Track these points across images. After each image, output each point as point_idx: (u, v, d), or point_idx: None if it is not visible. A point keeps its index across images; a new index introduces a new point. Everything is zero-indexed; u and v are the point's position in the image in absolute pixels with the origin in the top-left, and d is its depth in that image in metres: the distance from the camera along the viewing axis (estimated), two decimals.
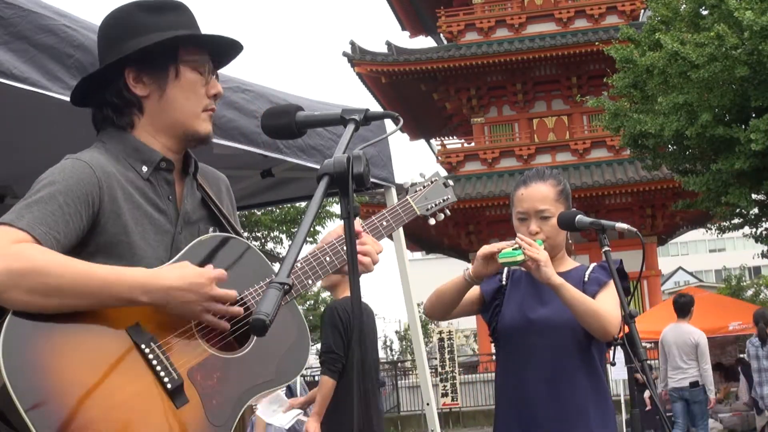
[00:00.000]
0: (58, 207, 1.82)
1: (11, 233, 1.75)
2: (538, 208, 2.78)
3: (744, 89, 13.54)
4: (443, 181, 2.45)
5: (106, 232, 1.89)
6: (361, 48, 26.11)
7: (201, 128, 2.05)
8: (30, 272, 1.70)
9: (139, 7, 2.03)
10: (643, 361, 2.54)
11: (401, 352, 43.08)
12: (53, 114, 3.24)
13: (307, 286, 2.04)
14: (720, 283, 49.13)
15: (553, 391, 2.72)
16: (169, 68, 2.01)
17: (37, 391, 1.64)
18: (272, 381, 1.96)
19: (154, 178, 2.01)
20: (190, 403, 1.81)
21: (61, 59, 2.85)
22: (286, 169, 4.49)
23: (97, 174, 1.90)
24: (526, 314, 2.77)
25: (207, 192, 2.13)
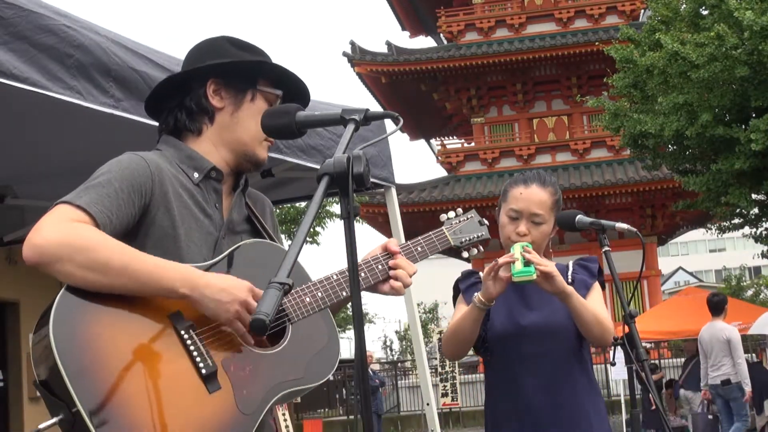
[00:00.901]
0: (113, 191, 1.93)
1: (70, 211, 1.87)
2: (534, 211, 2.75)
3: (744, 89, 13.54)
4: (478, 219, 2.51)
5: (155, 223, 2.00)
6: (361, 48, 26.12)
7: (260, 153, 2.18)
8: (83, 248, 1.81)
9: (227, 40, 2.21)
10: (643, 361, 2.55)
11: (401, 352, 43.10)
12: (53, 114, 3.25)
13: (341, 297, 2.11)
14: (720, 283, 49.17)
15: (553, 398, 2.70)
16: (247, 90, 2.16)
17: (81, 361, 1.74)
18: (302, 379, 2.03)
19: (203, 184, 2.12)
20: (221, 390, 1.88)
21: (61, 59, 2.85)
22: (286, 169, 4.49)
23: (151, 168, 2.02)
24: (517, 321, 2.74)
25: (253, 210, 2.24)
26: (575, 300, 2.64)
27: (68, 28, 2.89)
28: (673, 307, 15.56)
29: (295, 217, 21.50)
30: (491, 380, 2.84)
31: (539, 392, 2.70)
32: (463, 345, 2.73)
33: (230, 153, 2.16)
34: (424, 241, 2.37)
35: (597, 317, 2.67)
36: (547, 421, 2.68)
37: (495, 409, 2.79)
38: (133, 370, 1.80)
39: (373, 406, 16.90)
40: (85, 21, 3.03)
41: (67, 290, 1.81)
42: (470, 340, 2.71)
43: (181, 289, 1.86)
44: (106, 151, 2.52)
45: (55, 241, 1.79)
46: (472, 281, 2.86)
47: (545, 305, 2.75)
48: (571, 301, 2.63)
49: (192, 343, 1.88)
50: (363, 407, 1.72)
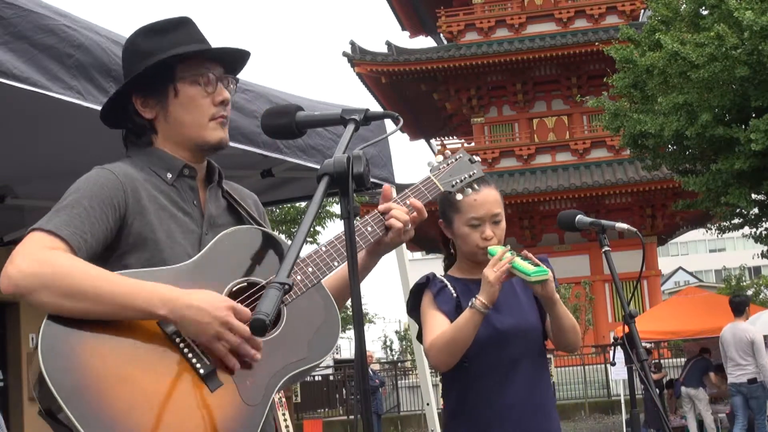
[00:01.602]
0: (83, 209, 1.90)
1: (42, 238, 1.85)
2: (494, 212, 2.74)
3: (744, 89, 13.54)
4: (468, 157, 2.45)
5: (133, 232, 1.97)
6: (361, 48, 26.12)
7: (210, 137, 2.10)
8: (56, 276, 1.79)
9: (143, 33, 2.13)
10: (642, 361, 2.55)
11: (401, 352, 43.07)
12: (53, 114, 3.24)
13: (333, 268, 2.07)
14: (720, 283, 49.16)
15: (533, 399, 2.70)
16: (168, 88, 2.08)
17: (78, 386, 1.72)
18: (306, 359, 1.99)
19: (178, 184, 2.08)
20: (224, 387, 1.85)
21: (61, 59, 2.85)
22: (286, 169, 4.49)
23: (120, 178, 1.98)
24: (494, 326, 2.68)
25: (234, 198, 2.20)
26: (560, 306, 2.63)
27: (68, 28, 2.89)
28: (673, 307, 15.55)
29: (295, 217, 21.50)
30: (466, 386, 2.75)
31: (521, 395, 2.68)
32: (460, 353, 2.65)
33: (184, 150, 2.11)
34: (412, 192, 2.31)
35: (574, 325, 2.70)
36: (529, 422, 2.68)
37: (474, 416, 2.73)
38: (130, 384, 1.77)
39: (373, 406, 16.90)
40: (85, 21, 3.03)
41: (49, 319, 1.79)
42: (467, 346, 2.64)
43: (160, 311, 1.82)
44: (106, 151, 2.52)
45: (28, 272, 1.78)
46: (439, 286, 2.78)
47: (515, 309, 2.74)
48: (557, 307, 2.62)
49: (185, 345, 1.85)
50: (363, 407, 1.71)
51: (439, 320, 2.71)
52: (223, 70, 2.14)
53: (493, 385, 2.70)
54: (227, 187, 2.21)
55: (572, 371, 21.61)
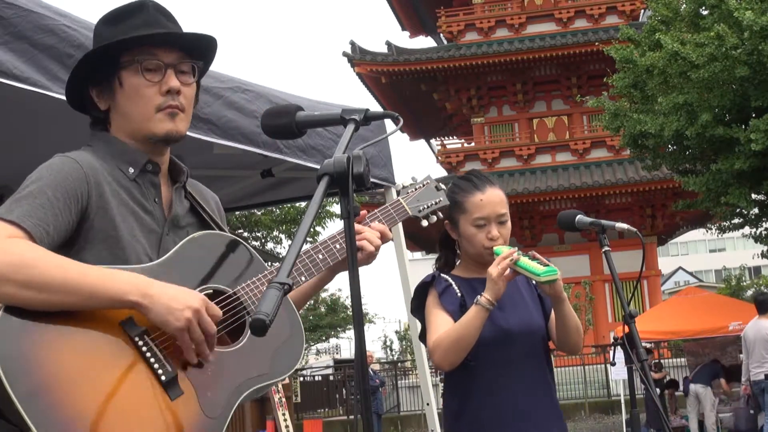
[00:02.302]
0: (47, 200, 1.83)
1: (3, 228, 1.77)
2: (500, 212, 2.74)
3: (744, 89, 13.53)
4: (435, 184, 2.46)
5: (94, 226, 1.90)
6: (361, 48, 26.12)
7: (156, 129, 2.00)
8: (20, 266, 1.71)
9: (103, 21, 2.06)
10: (642, 361, 2.55)
11: (401, 352, 43.06)
12: (53, 114, 3.24)
13: (300, 283, 2.07)
14: (720, 283, 49.15)
15: (537, 399, 2.70)
16: (113, 79, 2.00)
17: (30, 382, 1.64)
18: (267, 375, 1.96)
19: (140, 179, 2.02)
20: (184, 395, 1.81)
21: (61, 59, 2.85)
22: (286, 169, 4.48)
23: (85, 170, 1.91)
24: (499, 325, 2.69)
25: (197, 200, 2.14)
26: (567, 305, 2.65)
27: (68, 28, 2.89)
28: (673, 307, 15.55)
29: (295, 217, 21.46)
30: (470, 386, 2.74)
31: (525, 395, 2.69)
32: (465, 352, 2.64)
33: (138, 143, 2.02)
34: (382, 213, 2.32)
35: (578, 325, 2.72)
36: (532, 423, 2.68)
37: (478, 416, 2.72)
38: (88, 386, 1.70)
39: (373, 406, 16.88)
40: (85, 21, 3.03)
41: (5, 311, 1.70)
42: (472, 344, 2.64)
43: (131, 297, 1.76)
44: None
45: None
46: (444, 284, 2.79)
47: (519, 308, 2.75)
48: (565, 306, 2.64)
49: (148, 350, 1.79)
50: (363, 407, 1.71)
51: (443, 319, 2.71)
52: (181, 56, 2.03)
53: (498, 384, 2.70)
54: (190, 188, 2.15)
55: (572, 371, 21.61)
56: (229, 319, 1.95)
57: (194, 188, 2.18)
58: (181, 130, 2.03)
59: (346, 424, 21.63)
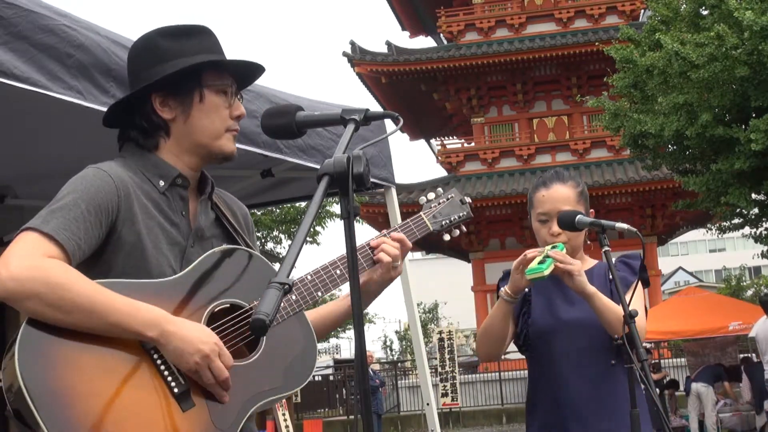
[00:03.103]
0: (80, 213, 1.90)
1: (38, 240, 1.83)
2: (561, 209, 2.76)
3: (744, 89, 13.53)
4: (460, 198, 2.44)
5: (121, 239, 1.97)
6: (361, 48, 26.12)
7: (225, 148, 2.12)
8: (52, 286, 1.78)
9: (162, 34, 2.12)
10: (643, 361, 2.54)
11: (401, 352, 43.07)
12: (53, 114, 3.24)
13: (317, 298, 2.09)
14: (720, 283, 49.14)
15: (595, 391, 2.71)
16: (194, 92, 2.08)
17: (50, 392, 1.72)
18: (279, 388, 2.00)
19: (169, 193, 2.07)
20: (196, 407, 1.86)
21: (61, 59, 2.85)
22: (286, 169, 4.49)
23: (116, 183, 1.97)
24: (559, 316, 2.75)
25: (222, 212, 2.20)
26: (597, 300, 2.65)
27: (68, 28, 2.89)
28: (673, 307, 15.57)
29: (295, 217, 21.47)
30: (533, 376, 2.84)
31: (580, 386, 2.70)
32: (496, 342, 2.72)
33: (194, 157, 2.11)
34: (402, 229, 2.32)
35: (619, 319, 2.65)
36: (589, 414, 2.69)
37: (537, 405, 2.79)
38: (103, 395, 1.77)
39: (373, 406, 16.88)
40: (85, 21, 3.03)
41: (28, 323, 1.78)
42: (502, 336, 2.70)
43: (149, 333, 1.83)
44: (106, 151, 2.52)
45: (23, 278, 1.76)
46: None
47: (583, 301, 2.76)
48: (593, 301, 2.65)
49: (162, 362, 1.86)
50: (363, 407, 1.71)
51: None
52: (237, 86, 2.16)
53: (554, 376, 2.74)
54: (217, 199, 2.21)
55: None
56: (244, 333, 1.98)
57: (222, 199, 2.24)
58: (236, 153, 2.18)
59: (346, 424, 21.63)
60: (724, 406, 14.52)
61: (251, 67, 2.18)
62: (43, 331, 1.78)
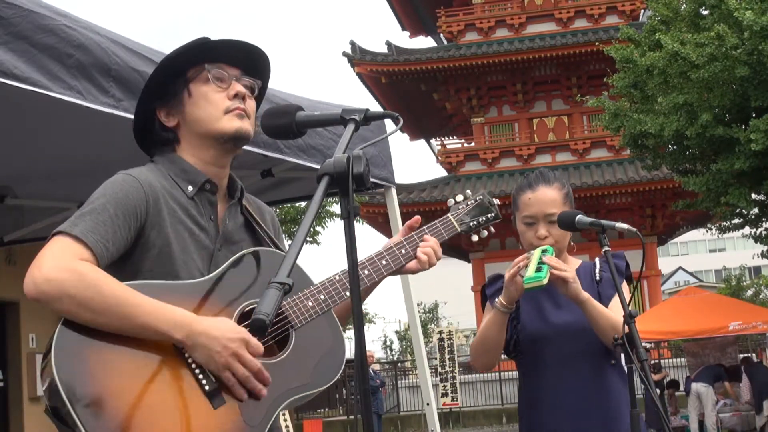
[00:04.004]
0: (108, 217, 1.94)
1: (68, 244, 1.89)
2: (547, 212, 2.75)
3: (744, 89, 13.53)
4: (488, 200, 2.45)
5: (149, 242, 2.01)
6: (361, 48, 26.12)
7: (226, 127, 2.11)
8: (83, 288, 1.83)
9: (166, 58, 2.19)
10: (643, 361, 2.54)
11: (401, 352, 43.08)
12: (53, 114, 3.24)
13: (345, 298, 2.10)
14: (720, 283, 49.16)
15: (588, 396, 2.70)
16: (182, 92, 2.14)
17: (86, 392, 1.78)
18: (308, 385, 2.03)
19: (198, 198, 2.12)
20: (226, 405, 1.89)
21: (61, 59, 2.85)
22: (286, 169, 4.49)
23: (144, 188, 2.02)
24: (549, 321, 2.73)
25: (252, 215, 2.23)
26: (590, 307, 2.64)
27: (68, 28, 2.89)
28: (673, 307, 15.56)
29: (295, 217, 21.49)
30: (525, 382, 2.82)
31: (573, 391, 2.69)
32: (492, 352, 2.70)
33: (207, 150, 2.14)
34: (430, 230, 2.34)
35: (612, 325, 2.65)
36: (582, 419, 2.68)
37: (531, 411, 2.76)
38: (135, 394, 1.82)
39: (373, 406, 16.82)
40: (85, 21, 3.03)
41: (64, 325, 1.84)
42: (498, 345, 2.68)
43: (176, 335, 1.87)
44: (106, 151, 2.53)
45: (54, 279, 1.82)
46: (498, 286, 2.82)
47: (573, 306, 2.74)
48: (586, 308, 2.63)
49: (193, 360, 1.90)
50: (363, 407, 1.72)
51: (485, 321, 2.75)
52: (241, 72, 2.17)
53: (545, 381, 2.72)
54: (247, 203, 2.24)
55: None
56: (274, 332, 2.02)
57: (251, 204, 2.27)
58: (249, 130, 2.14)
59: (346, 424, 21.64)
60: (724, 406, 14.53)
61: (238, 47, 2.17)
62: (78, 332, 1.83)
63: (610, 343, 2.69)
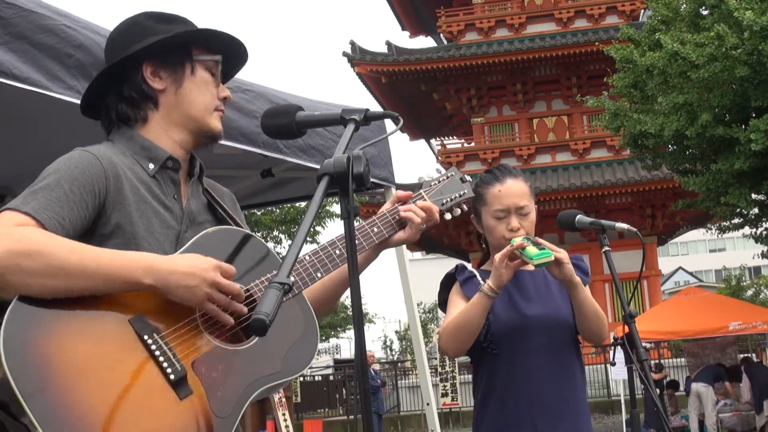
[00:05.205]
0: (63, 194, 1.83)
1: (15, 217, 1.76)
2: (519, 204, 2.73)
3: (744, 89, 13.52)
4: (460, 176, 2.41)
5: (111, 221, 1.90)
6: (361, 48, 26.12)
7: (213, 124, 2.09)
8: (33, 253, 1.69)
9: (149, 17, 2.10)
10: (643, 361, 2.55)
11: (401, 352, 43.08)
12: (53, 114, 3.24)
13: (316, 279, 2.03)
14: (720, 283, 49.16)
15: (560, 389, 2.69)
16: (185, 64, 2.06)
17: (38, 379, 1.64)
18: (279, 373, 1.93)
19: (160, 176, 2.02)
20: (193, 395, 1.79)
21: (61, 59, 2.85)
22: (286, 169, 4.49)
23: (103, 164, 1.91)
24: (523, 312, 2.71)
25: (213, 196, 2.15)
26: (581, 291, 2.63)
27: (68, 28, 2.89)
28: (673, 307, 15.56)
29: (295, 217, 21.49)
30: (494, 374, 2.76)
31: (548, 384, 2.68)
32: (469, 337, 2.66)
33: (183, 132, 2.06)
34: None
35: (597, 312, 2.69)
36: (556, 413, 2.67)
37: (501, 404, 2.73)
38: (95, 383, 1.69)
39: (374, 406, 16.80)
40: (85, 21, 3.03)
41: (18, 300, 1.69)
42: (476, 332, 2.65)
43: (145, 280, 1.77)
44: None
45: (2, 250, 1.67)
46: (467, 275, 2.81)
47: (545, 298, 2.75)
48: (578, 291, 2.62)
49: (157, 348, 1.78)
50: (363, 407, 1.71)
51: (459, 307, 2.72)
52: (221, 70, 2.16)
53: (519, 373, 2.70)
54: (206, 184, 2.17)
55: None
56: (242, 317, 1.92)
57: (210, 186, 2.20)
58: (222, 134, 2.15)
59: (346, 424, 21.63)
60: (724, 406, 14.53)
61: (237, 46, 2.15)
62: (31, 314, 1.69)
63: (591, 332, 2.71)
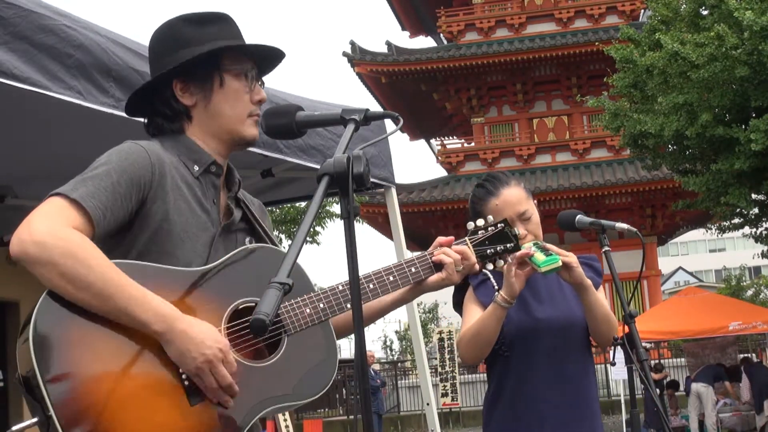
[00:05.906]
0: (110, 184, 1.86)
1: (64, 206, 1.80)
2: (520, 211, 2.73)
3: (744, 89, 13.52)
4: (510, 231, 2.34)
5: (150, 215, 1.93)
6: (361, 48, 26.11)
7: (247, 133, 2.10)
8: (69, 257, 1.74)
9: (184, 21, 2.11)
10: (643, 361, 2.54)
11: (401, 352, 43.08)
12: (53, 114, 3.24)
13: (344, 309, 2.02)
14: (720, 283, 49.16)
15: (568, 392, 2.69)
16: (213, 77, 2.07)
17: (58, 366, 1.70)
18: (289, 396, 1.94)
19: (203, 178, 2.05)
20: (204, 403, 1.82)
21: (61, 59, 2.86)
22: (286, 169, 4.49)
23: (152, 158, 1.95)
24: (534, 315, 2.72)
25: (250, 210, 2.18)
26: (592, 293, 2.63)
27: (68, 28, 2.89)
28: (673, 307, 15.56)
29: (295, 217, 21.47)
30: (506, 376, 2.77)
31: (558, 387, 2.68)
32: (486, 346, 2.67)
33: (218, 142, 2.09)
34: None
35: (608, 314, 2.68)
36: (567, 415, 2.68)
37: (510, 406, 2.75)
38: (111, 379, 1.74)
39: (374, 406, 16.79)
40: (85, 21, 3.03)
41: (48, 294, 1.76)
42: (493, 340, 2.66)
43: (155, 327, 1.78)
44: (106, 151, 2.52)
45: (41, 241, 1.72)
46: (480, 278, 2.80)
47: (557, 301, 2.75)
48: (588, 294, 2.63)
49: None
50: (363, 407, 1.71)
51: (474, 313, 2.74)
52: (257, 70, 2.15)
53: (530, 375, 2.71)
54: (241, 196, 2.20)
55: None
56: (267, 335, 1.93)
57: (247, 198, 2.23)
58: (258, 137, 2.16)
59: (346, 424, 21.64)
60: (724, 406, 14.53)
61: (270, 52, 2.16)
62: (62, 306, 1.75)
63: (601, 334, 2.71)
